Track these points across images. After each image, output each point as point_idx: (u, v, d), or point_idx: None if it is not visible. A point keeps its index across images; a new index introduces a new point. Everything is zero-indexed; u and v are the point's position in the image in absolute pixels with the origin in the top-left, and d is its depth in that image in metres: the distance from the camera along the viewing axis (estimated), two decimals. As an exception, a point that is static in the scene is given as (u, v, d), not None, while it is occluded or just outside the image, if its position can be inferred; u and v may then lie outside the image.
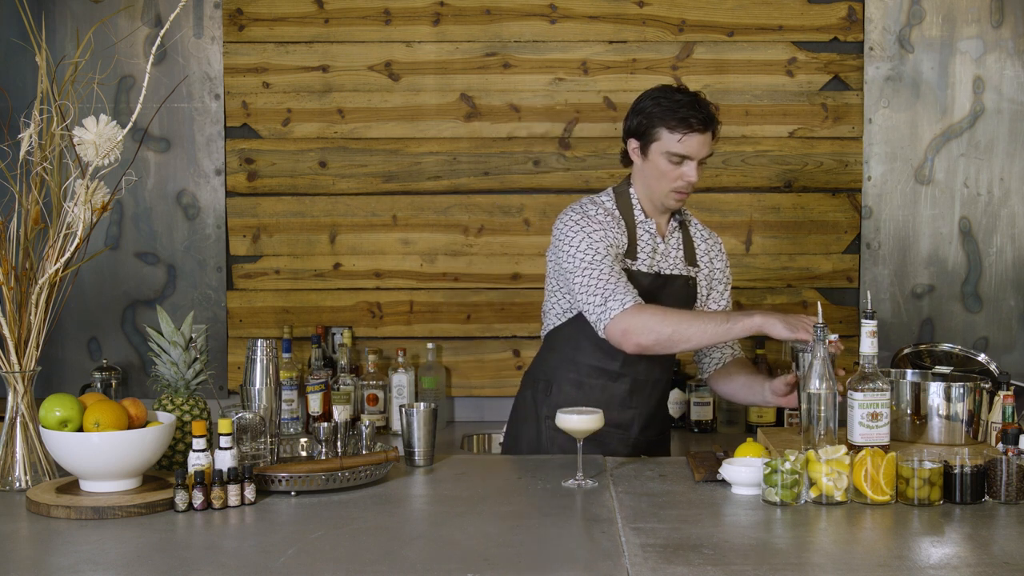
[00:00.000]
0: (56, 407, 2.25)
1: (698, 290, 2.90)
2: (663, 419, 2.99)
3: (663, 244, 2.86)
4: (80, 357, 3.90)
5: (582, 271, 2.71)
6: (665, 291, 2.84)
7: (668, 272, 2.86)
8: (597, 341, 2.77)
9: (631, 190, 2.86)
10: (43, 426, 2.27)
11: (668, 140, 2.74)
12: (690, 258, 2.90)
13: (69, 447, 2.23)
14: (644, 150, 2.79)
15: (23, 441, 2.41)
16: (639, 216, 2.85)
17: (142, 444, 2.25)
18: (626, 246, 2.80)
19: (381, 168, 3.85)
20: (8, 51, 3.74)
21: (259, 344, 2.55)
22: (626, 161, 2.87)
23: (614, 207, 2.84)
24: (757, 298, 3.86)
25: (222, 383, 3.86)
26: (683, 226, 2.92)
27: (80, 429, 2.26)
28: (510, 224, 3.84)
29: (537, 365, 2.96)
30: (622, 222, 2.81)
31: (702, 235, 2.96)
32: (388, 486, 2.42)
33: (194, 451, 2.27)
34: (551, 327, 2.89)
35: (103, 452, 2.22)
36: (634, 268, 2.80)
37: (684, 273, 2.88)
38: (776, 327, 2.53)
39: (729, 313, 2.66)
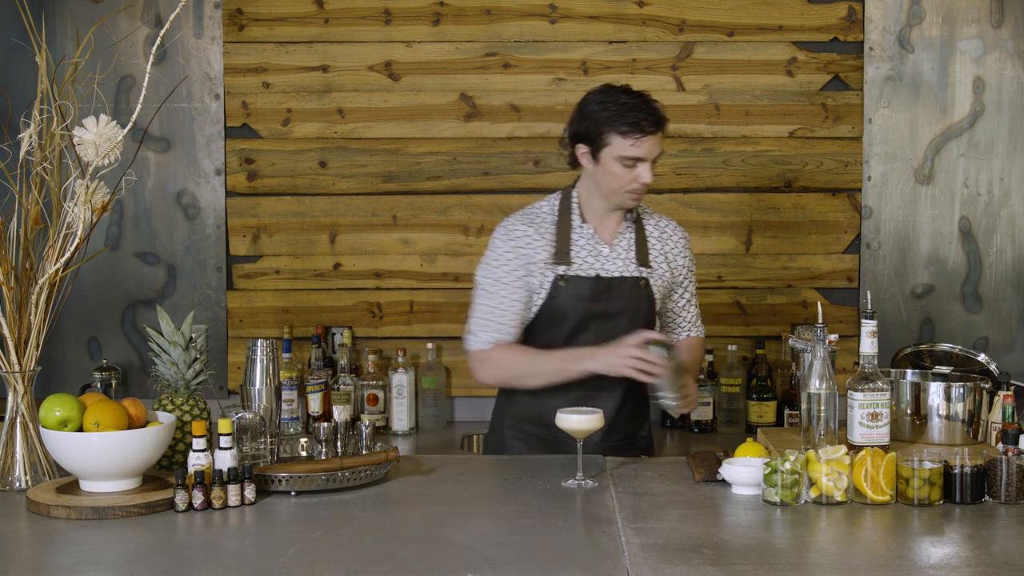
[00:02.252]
0: (56, 407, 2.25)
1: (652, 291, 2.85)
2: (628, 424, 2.91)
3: (606, 248, 2.83)
4: (80, 357, 3.90)
5: (476, 294, 2.84)
6: (610, 294, 2.81)
7: (613, 275, 2.81)
8: (540, 344, 2.82)
9: (573, 193, 2.86)
10: (43, 426, 2.27)
11: (620, 145, 2.71)
12: (642, 259, 2.85)
13: (69, 447, 2.23)
14: (595, 155, 2.76)
15: (23, 441, 2.41)
16: (576, 221, 2.83)
17: (142, 444, 2.25)
18: (553, 255, 2.79)
19: (381, 168, 3.85)
20: (8, 51, 3.74)
21: (259, 344, 2.55)
22: (575, 163, 2.85)
23: (553, 213, 2.85)
24: (757, 298, 3.86)
25: (222, 383, 3.86)
26: (638, 225, 2.87)
27: (80, 429, 2.26)
28: (510, 224, 3.84)
29: None
30: (554, 230, 2.82)
31: (660, 233, 2.90)
32: (388, 486, 2.42)
33: (194, 451, 2.27)
34: None
35: (103, 452, 2.22)
36: (570, 273, 2.79)
37: (634, 275, 2.83)
38: (599, 370, 2.67)
39: (568, 354, 2.74)
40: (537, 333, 2.83)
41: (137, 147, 2.99)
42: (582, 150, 2.79)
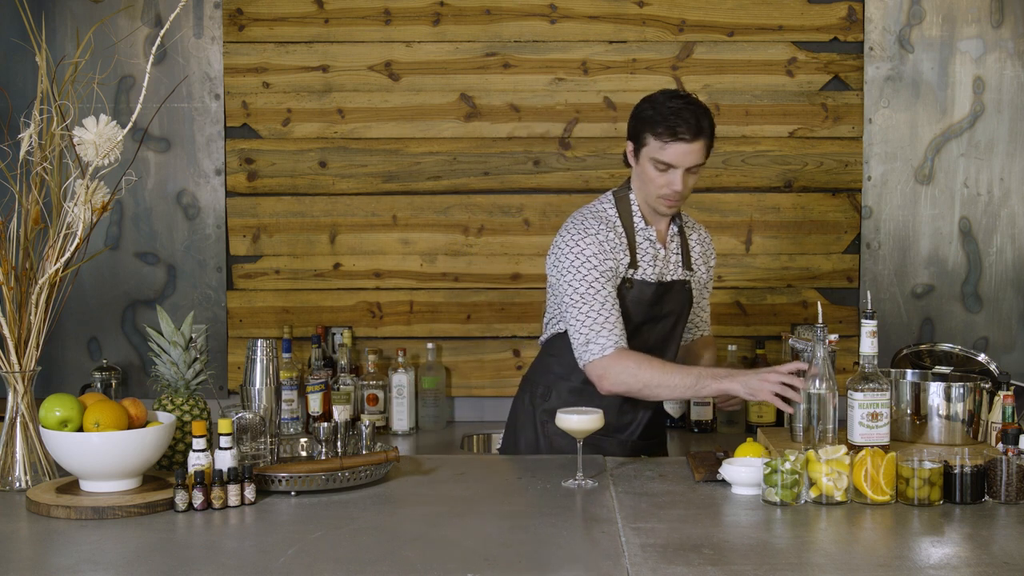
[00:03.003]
0: (56, 407, 2.25)
1: (693, 294, 2.94)
2: (660, 424, 3.03)
3: (664, 251, 2.85)
4: (80, 357, 3.90)
5: (574, 303, 2.73)
6: (667, 297, 2.86)
7: (670, 279, 2.87)
8: None
9: (631, 195, 2.86)
10: (43, 426, 2.27)
11: (654, 146, 2.72)
12: (687, 263, 2.91)
13: (69, 447, 2.23)
14: (636, 154, 2.79)
15: (23, 441, 2.41)
16: (639, 224, 2.84)
17: (142, 444, 2.25)
18: (628, 259, 2.79)
19: (381, 168, 3.85)
20: (8, 51, 3.74)
21: (259, 344, 2.55)
22: (627, 162, 2.87)
23: (615, 216, 2.83)
24: (757, 298, 3.86)
25: (222, 383, 3.86)
26: (681, 231, 2.92)
27: (80, 429, 2.26)
28: (510, 224, 3.84)
29: (536, 370, 2.96)
30: (623, 233, 2.81)
31: (698, 238, 2.98)
32: (388, 486, 2.42)
33: (194, 451, 2.27)
34: (552, 333, 2.89)
35: (103, 452, 2.22)
36: (637, 278, 2.80)
37: (682, 278, 2.90)
38: (739, 391, 2.63)
39: (704, 371, 2.69)
40: None
41: (137, 147, 2.99)
42: (629, 148, 2.82)
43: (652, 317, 2.84)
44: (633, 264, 2.81)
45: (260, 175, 3.86)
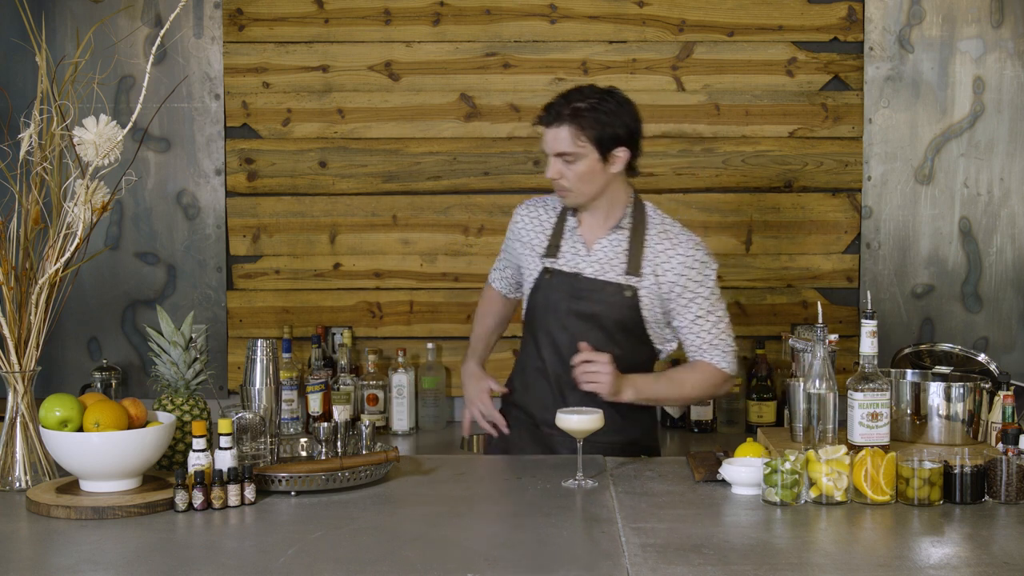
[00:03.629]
0: (56, 407, 2.25)
1: (640, 302, 2.76)
2: (624, 422, 2.81)
3: (585, 248, 2.81)
4: (80, 357, 3.90)
5: None
6: (589, 296, 2.78)
7: (594, 277, 2.78)
8: (536, 342, 2.85)
9: None
10: (43, 426, 2.27)
11: None
12: (632, 267, 2.77)
13: (69, 447, 2.23)
14: None
15: (23, 441, 2.41)
16: (570, 213, 2.85)
17: (142, 444, 2.25)
18: (547, 243, 2.84)
19: (381, 168, 3.85)
20: (8, 51, 3.74)
21: (259, 344, 2.55)
22: None
23: (558, 203, 2.87)
24: (757, 298, 3.86)
25: (222, 383, 3.86)
26: (637, 232, 2.78)
27: (80, 429, 2.26)
28: (510, 224, 3.84)
29: None
30: (553, 219, 2.87)
31: (659, 245, 2.78)
32: (388, 486, 2.42)
33: (194, 451, 2.27)
34: None
35: (103, 452, 2.22)
36: (553, 267, 2.82)
37: (617, 281, 2.77)
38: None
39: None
40: (528, 325, 2.90)
41: (137, 147, 2.99)
42: None
43: (576, 313, 2.79)
44: (552, 252, 2.82)
45: (260, 175, 3.86)
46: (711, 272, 2.81)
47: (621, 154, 2.74)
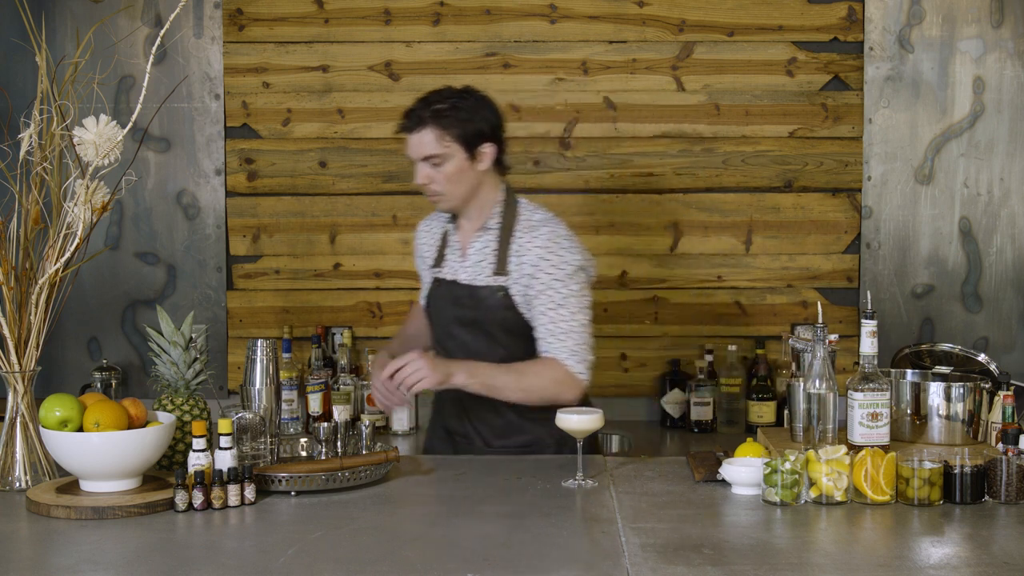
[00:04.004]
0: (56, 407, 2.25)
1: (514, 301, 2.71)
2: (523, 421, 2.77)
3: (460, 254, 2.80)
4: (80, 357, 3.90)
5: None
6: (468, 302, 2.74)
7: (468, 282, 2.75)
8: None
9: None
10: (43, 426, 2.27)
11: None
12: (500, 267, 2.72)
13: (69, 447, 2.23)
14: None
15: (23, 441, 2.41)
16: (451, 218, 2.84)
17: (142, 444, 2.25)
18: (434, 255, 2.85)
19: (381, 168, 3.85)
20: (8, 51, 3.74)
21: (259, 344, 2.55)
22: None
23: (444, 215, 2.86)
24: (757, 298, 3.86)
25: (222, 383, 3.86)
26: (505, 231, 2.73)
27: (80, 429, 2.26)
28: (510, 224, 3.84)
29: None
30: (441, 230, 2.87)
31: (522, 238, 2.71)
32: (388, 486, 2.42)
33: (194, 451, 2.27)
34: None
35: (103, 452, 2.22)
36: (439, 276, 2.83)
37: (489, 284, 2.73)
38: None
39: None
40: (430, 336, 2.92)
41: (137, 147, 2.99)
42: None
43: (461, 320, 2.77)
44: (439, 261, 2.84)
45: (260, 175, 3.86)
46: (570, 266, 2.68)
47: (487, 150, 2.72)
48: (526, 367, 2.69)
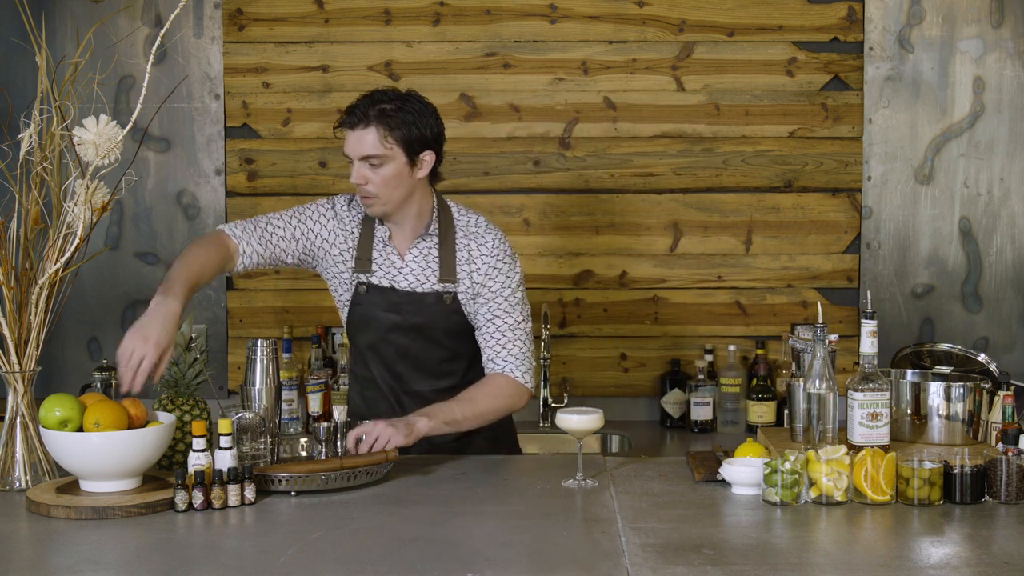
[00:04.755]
0: (56, 407, 2.25)
1: (462, 307, 2.71)
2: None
3: (400, 258, 2.72)
4: (80, 357, 3.90)
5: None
6: (409, 308, 2.70)
7: (410, 289, 2.70)
8: (363, 356, 2.78)
9: None
10: (43, 426, 2.27)
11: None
12: (446, 273, 2.69)
13: (69, 447, 2.23)
14: None
15: (23, 441, 2.41)
16: (377, 223, 2.73)
17: (142, 444, 2.25)
18: (354, 256, 2.71)
19: (381, 168, 3.85)
20: (8, 51, 3.74)
21: (259, 344, 2.55)
22: None
23: (360, 210, 2.74)
24: (757, 298, 3.86)
25: (222, 383, 3.86)
26: (447, 235, 2.72)
27: (80, 429, 2.26)
28: (510, 224, 3.84)
29: None
30: (360, 226, 2.74)
31: (469, 243, 2.72)
32: (388, 486, 2.42)
33: (194, 451, 2.27)
34: None
35: (103, 452, 2.22)
36: (369, 280, 2.72)
37: (435, 290, 2.70)
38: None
39: None
40: (352, 338, 2.82)
41: (137, 147, 2.99)
42: None
43: (398, 326, 2.72)
44: (364, 266, 2.71)
45: (260, 175, 3.86)
46: (517, 274, 2.74)
47: (428, 158, 2.64)
48: (477, 392, 2.67)
